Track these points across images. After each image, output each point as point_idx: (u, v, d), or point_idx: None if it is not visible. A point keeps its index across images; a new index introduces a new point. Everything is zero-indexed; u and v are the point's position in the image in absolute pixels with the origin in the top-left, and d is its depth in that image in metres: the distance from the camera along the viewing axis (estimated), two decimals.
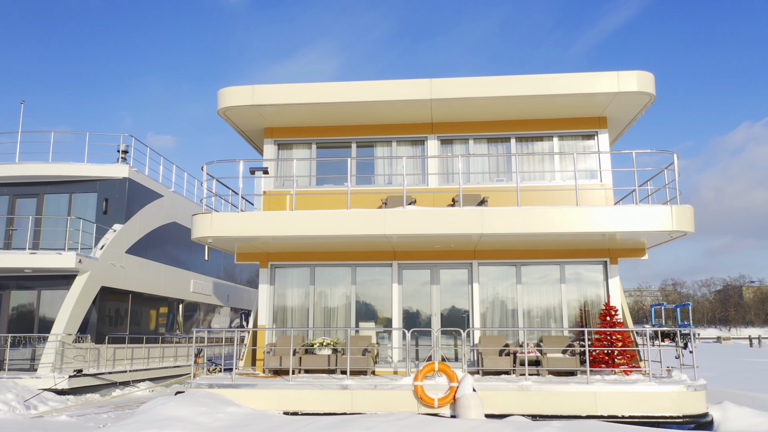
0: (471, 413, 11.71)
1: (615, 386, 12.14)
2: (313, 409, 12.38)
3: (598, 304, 15.13)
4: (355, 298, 15.63)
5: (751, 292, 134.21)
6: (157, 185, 22.12)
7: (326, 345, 14.78)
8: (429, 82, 14.58)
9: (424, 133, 16.02)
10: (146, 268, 21.24)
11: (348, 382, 12.50)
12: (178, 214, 23.57)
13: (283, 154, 16.37)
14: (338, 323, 15.59)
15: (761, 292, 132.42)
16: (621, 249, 15.18)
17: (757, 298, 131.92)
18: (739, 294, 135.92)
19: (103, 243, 18.91)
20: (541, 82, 14.40)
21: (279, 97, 14.83)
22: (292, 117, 15.64)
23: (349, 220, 13.21)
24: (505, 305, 15.37)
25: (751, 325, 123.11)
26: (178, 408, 10.47)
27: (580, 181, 15.45)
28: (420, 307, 15.51)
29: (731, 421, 11.96)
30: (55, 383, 15.87)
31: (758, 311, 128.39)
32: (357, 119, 15.84)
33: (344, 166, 16.10)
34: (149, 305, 21.67)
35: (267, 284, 15.79)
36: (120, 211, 19.86)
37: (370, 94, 14.62)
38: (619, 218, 12.83)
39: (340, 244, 14.68)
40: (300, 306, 15.79)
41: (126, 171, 20.01)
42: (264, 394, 12.51)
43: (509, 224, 12.91)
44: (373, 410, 12.26)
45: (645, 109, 15.10)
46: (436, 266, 15.59)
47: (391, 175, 16.05)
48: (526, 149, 15.85)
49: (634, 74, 14.27)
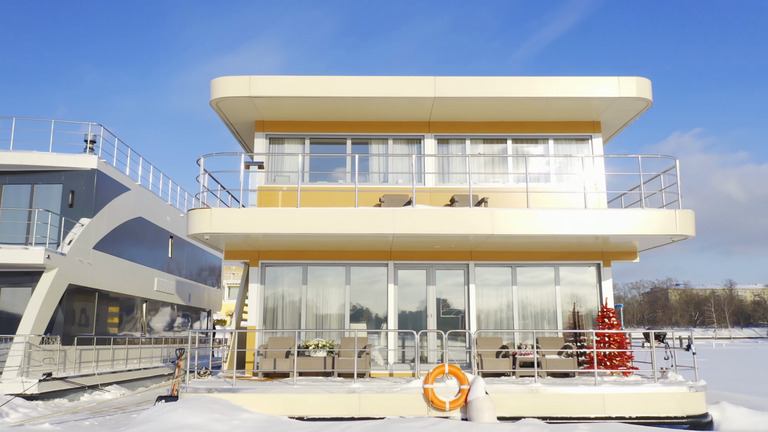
0: (484, 416, 11.56)
1: (623, 388, 12.26)
2: (319, 413, 11.93)
3: (592, 306, 15.30)
4: (350, 299, 15.23)
5: (677, 295, 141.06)
6: (125, 178, 20.99)
7: (321, 347, 14.33)
8: (433, 80, 14.35)
9: (421, 132, 15.78)
10: (113, 265, 20.10)
11: (356, 386, 12.11)
12: (144, 209, 22.45)
13: (273, 149, 15.78)
14: (331, 324, 15.14)
15: (686, 295, 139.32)
16: (614, 252, 15.40)
17: (682, 300, 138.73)
18: (665, 296, 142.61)
19: (71, 238, 17.74)
20: (544, 84, 14.42)
21: (278, 88, 14.26)
22: (286, 110, 15.08)
23: (358, 219, 12.83)
24: (500, 306, 15.33)
25: (676, 326, 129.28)
26: (189, 415, 9.83)
27: (575, 184, 15.58)
28: (415, 308, 15.27)
29: (730, 420, 12.29)
30: (25, 388, 14.72)
31: (683, 312, 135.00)
32: (353, 115, 15.44)
33: (338, 162, 15.69)
34: (115, 304, 20.51)
35: (257, 283, 15.17)
36: (88, 205, 18.69)
37: (374, 89, 14.25)
38: (628, 221, 12.99)
39: (336, 243, 14.27)
40: (291, 306, 15.25)
41: (94, 162, 18.86)
42: (267, 399, 11.95)
43: (519, 226, 12.85)
44: (381, 414, 11.92)
45: (639, 115, 15.39)
46: (432, 267, 15.39)
47: (387, 173, 15.73)
48: (522, 151, 15.87)
49: (634, 80, 14.50)
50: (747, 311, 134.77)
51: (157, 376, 22.23)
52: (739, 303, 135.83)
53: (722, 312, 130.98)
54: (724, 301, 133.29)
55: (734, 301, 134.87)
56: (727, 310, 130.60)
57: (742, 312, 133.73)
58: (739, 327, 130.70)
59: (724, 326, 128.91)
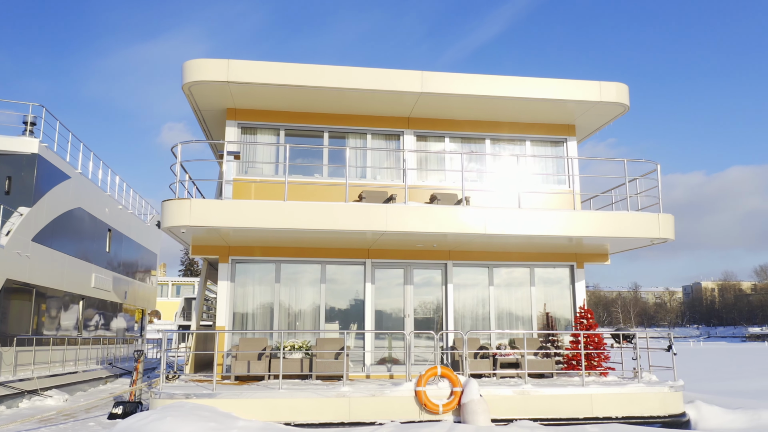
0: (479, 419, 11.32)
1: (609, 388, 12.37)
2: (307, 419, 11.29)
3: (565, 306, 15.44)
4: (325, 298, 14.62)
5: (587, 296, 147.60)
6: (65, 165, 19.33)
7: (298, 348, 13.66)
8: (420, 75, 14.00)
9: (401, 128, 15.39)
10: (52, 259, 18.44)
11: (345, 389, 11.56)
12: (83, 200, 20.79)
13: (245, 139, 14.92)
14: (305, 324, 14.48)
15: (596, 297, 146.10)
16: (587, 254, 15.62)
17: (591, 301, 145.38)
18: None
19: (9, 228, 16.09)
20: (528, 84, 14.38)
21: (258, 74, 13.44)
22: (262, 98, 14.29)
23: (349, 215, 12.27)
24: (477, 306, 15.19)
25: None
26: (181, 424, 8.98)
27: (550, 186, 15.68)
28: (393, 308, 14.86)
29: (706, 419, 12.67)
30: None
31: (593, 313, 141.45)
32: (331, 107, 14.84)
33: (315, 155, 15.04)
34: (53, 302, 18.83)
35: (227, 281, 14.28)
36: (27, 192, 17.05)
37: (360, 81, 13.72)
38: (614, 224, 13.14)
39: (313, 240, 13.65)
40: (263, 305, 14.46)
41: (35, 146, 17.23)
42: (251, 404, 11.19)
43: (513, 226, 12.71)
44: (373, 418, 11.45)
45: (613, 120, 15.67)
46: (410, 266, 15.03)
47: (370, 167, 15.20)
48: (500, 150, 15.78)
49: (614, 85, 14.74)
50: (650, 312, 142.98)
51: (94, 380, 20.63)
52: (643, 305, 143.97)
53: (628, 313, 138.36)
54: (629, 303, 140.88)
55: (639, 303, 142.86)
56: (632, 311, 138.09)
57: (645, 313, 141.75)
58: (642, 327, 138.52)
59: (630, 326, 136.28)
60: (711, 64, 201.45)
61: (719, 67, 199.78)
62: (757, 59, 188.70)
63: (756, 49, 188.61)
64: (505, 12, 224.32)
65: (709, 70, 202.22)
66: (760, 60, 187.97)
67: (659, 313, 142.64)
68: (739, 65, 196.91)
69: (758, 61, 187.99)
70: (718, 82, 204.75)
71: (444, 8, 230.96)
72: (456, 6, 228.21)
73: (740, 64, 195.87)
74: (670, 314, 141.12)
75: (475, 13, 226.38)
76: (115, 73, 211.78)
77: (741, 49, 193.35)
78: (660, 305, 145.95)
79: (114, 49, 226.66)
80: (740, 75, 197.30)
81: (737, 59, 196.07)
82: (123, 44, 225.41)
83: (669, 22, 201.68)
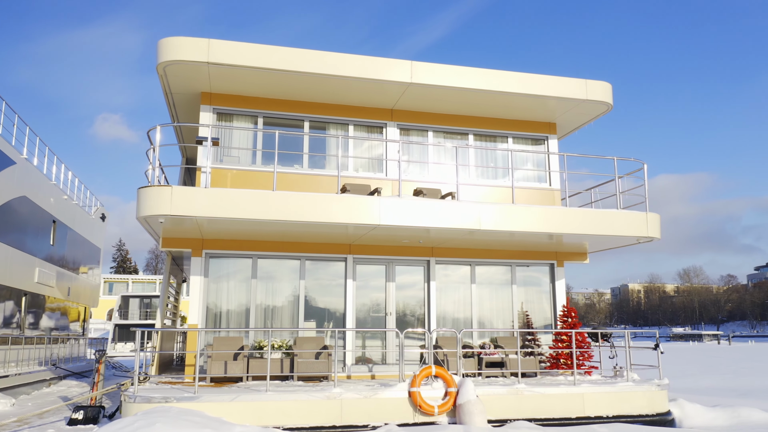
0: (475, 420, 10.95)
1: (599, 387, 12.26)
2: (296, 423, 10.61)
3: (546, 304, 15.33)
4: (304, 295, 13.93)
5: None
6: (10, 149, 17.79)
7: (278, 347, 12.94)
8: (410, 65, 13.53)
9: (384, 119, 14.87)
10: None
11: (336, 390, 10.95)
12: (28, 188, 19.22)
13: (221, 125, 14.03)
14: (283, 322, 13.75)
15: None
16: (567, 252, 15.56)
17: None
18: None
19: None
20: (516, 79, 14.14)
21: (241, 57, 12.61)
22: (241, 83, 13.45)
23: (341, 207, 11.65)
24: (459, 304, 14.85)
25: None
26: (174, 430, 8.17)
27: (532, 183, 15.53)
28: (374, 305, 14.33)
29: (690, 417, 12.76)
30: None
31: None
32: (312, 95, 14.15)
33: (295, 145, 14.32)
34: None
35: (200, 276, 13.38)
36: None
37: (348, 68, 13.09)
38: (599, 222, 13.06)
39: (293, 234, 12.96)
40: (238, 302, 13.63)
41: None
42: (238, 408, 10.41)
43: (507, 221, 12.42)
44: (366, 421, 10.89)
45: (596, 118, 15.67)
46: (392, 262, 14.55)
47: (348, 158, 14.59)
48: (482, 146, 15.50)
49: (599, 84, 14.72)
50: (581, 313, 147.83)
51: (37, 382, 19.09)
52: (574, 305, 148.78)
53: None
54: None
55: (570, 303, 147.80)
56: None
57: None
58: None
59: None
60: (651, 69, 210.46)
61: (672, 73, 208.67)
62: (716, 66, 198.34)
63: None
64: (449, 15, 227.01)
65: (662, 76, 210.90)
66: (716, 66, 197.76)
67: (589, 313, 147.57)
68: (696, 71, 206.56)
69: (713, 68, 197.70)
70: (668, 89, 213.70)
71: (387, 9, 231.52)
72: (400, 7, 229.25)
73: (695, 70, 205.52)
74: (599, 315, 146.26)
75: (420, 15, 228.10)
76: (45, 59, 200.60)
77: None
78: (590, 306, 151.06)
79: (43, 34, 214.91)
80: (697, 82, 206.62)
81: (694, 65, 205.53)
82: (52, 29, 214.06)
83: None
